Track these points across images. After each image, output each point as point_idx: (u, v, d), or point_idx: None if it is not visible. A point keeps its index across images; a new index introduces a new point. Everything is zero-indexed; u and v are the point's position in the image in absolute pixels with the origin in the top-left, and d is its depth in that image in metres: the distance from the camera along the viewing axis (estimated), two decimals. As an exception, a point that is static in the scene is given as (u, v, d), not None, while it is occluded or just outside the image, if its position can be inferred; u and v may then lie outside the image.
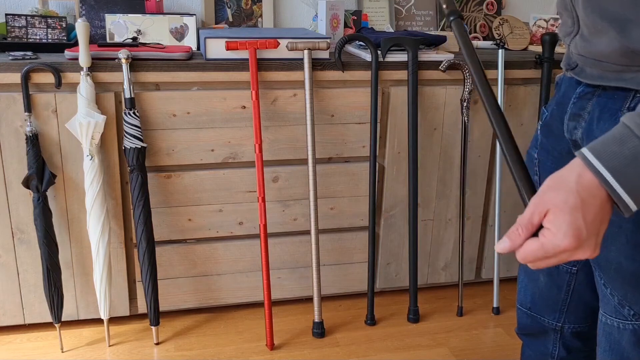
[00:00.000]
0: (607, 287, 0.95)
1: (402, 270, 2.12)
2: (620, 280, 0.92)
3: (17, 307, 1.84)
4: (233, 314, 2.05)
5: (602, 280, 0.95)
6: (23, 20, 1.80)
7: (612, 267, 0.92)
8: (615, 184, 0.67)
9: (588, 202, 0.68)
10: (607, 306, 0.96)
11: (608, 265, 0.92)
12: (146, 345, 1.88)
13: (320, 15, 2.07)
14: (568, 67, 1.00)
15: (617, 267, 0.91)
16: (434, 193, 2.05)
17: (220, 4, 2.20)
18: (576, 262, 1.12)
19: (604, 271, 0.94)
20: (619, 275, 0.91)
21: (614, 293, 0.94)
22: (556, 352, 1.23)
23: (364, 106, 1.89)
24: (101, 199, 1.71)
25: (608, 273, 0.93)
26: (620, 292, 0.92)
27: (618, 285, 0.92)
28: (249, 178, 1.89)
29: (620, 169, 0.66)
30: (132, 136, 1.70)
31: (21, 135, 1.68)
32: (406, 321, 2.06)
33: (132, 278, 1.91)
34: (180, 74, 1.73)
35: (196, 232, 1.90)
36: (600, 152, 0.68)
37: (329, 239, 2.02)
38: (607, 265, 0.93)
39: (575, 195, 0.68)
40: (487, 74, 2.03)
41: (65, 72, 1.66)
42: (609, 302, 0.95)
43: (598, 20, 0.84)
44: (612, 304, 0.95)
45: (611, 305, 0.95)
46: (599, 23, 0.84)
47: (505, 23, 2.27)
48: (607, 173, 0.67)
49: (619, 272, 0.91)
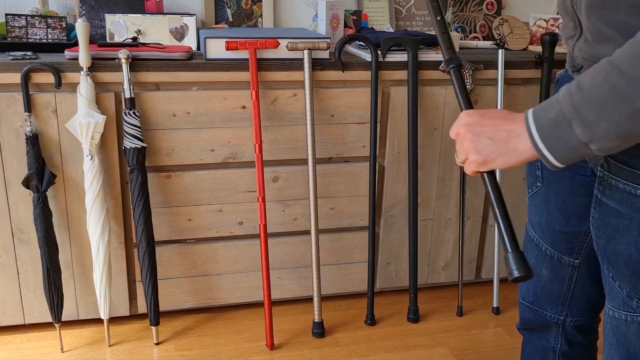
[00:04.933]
0: (615, 280, 0.95)
1: (402, 270, 2.12)
2: (629, 273, 0.92)
3: (17, 307, 1.84)
4: (233, 314, 2.05)
5: (611, 274, 0.96)
6: (23, 20, 1.80)
7: (621, 260, 0.92)
8: (537, 139, 0.80)
9: (510, 142, 0.83)
10: (615, 300, 0.96)
11: (617, 258, 0.93)
12: (146, 345, 1.88)
13: (320, 15, 2.07)
14: (573, 68, 1.00)
15: (626, 260, 0.91)
16: (434, 193, 2.05)
17: (220, 4, 2.20)
18: (578, 255, 1.13)
19: (612, 264, 0.94)
20: (629, 268, 0.92)
21: (622, 286, 0.94)
22: (558, 346, 1.23)
23: (364, 106, 1.90)
24: (101, 199, 1.71)
25: (617, 266, 0.94)
26: (629, 284, 0.93)
27: (627, 278, 0.93)
28: (249, 178, 1.89)
29: (544, 128, 0.79)
30: (132, 136, 1.70)
31: (21, 135, 1.68)
32: (406, 321, 2.06)
33: (132, 278, 1.91)
34: (180, 74, 1.73)
35: (196, 232, 1.90)
36: (536, 112, 0.81)
37: (329, 239, 2.02)
38: (617, 258, 0.93)
39: (503, 132, 0.83)
40: (487, 74, 2.04)
41: (65, 72, 1.66)
42: (617, 295, 0.96)
43: (604, 28, 0.85)
44: (621, 297, 0.95)
45: (619, 299, 0.95)
46: (606, 31, 0.84)
47: (505, 23, 2.27)
48: (534, 129, 0.80)
49: (628, 264, 0.91)
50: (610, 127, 0.74)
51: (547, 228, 1.15)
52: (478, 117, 0.86)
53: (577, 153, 0.78)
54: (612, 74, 0.73)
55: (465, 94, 0.94)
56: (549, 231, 1.15)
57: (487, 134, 0.84)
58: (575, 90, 0.76)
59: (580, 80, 0.77)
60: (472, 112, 0.87)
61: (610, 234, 0.93)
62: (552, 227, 1.14)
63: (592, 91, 0.74)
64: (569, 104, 0.76)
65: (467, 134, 0.85)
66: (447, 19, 2.39)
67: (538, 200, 1.15)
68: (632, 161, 0.86)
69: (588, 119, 0.75)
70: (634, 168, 0.86)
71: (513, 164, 0.84)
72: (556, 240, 1.14)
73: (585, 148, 0.77)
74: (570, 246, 1.13)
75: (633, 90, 0.71)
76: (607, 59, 0.75)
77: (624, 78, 0.72)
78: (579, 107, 0.75)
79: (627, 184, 0.88)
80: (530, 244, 1.20)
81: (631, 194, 0.88)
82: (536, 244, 1.18)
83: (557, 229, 1.13)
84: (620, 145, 0.76)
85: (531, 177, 1.17)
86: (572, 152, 0.78)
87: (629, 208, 0.88)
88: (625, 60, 0.72)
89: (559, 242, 1.14)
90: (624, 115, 0.73)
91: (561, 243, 1.14)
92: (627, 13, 0.79)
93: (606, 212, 0.93)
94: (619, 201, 0.90)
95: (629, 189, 0.88)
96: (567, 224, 1.12)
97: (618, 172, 0.89)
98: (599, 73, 0.75)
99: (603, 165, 0.92)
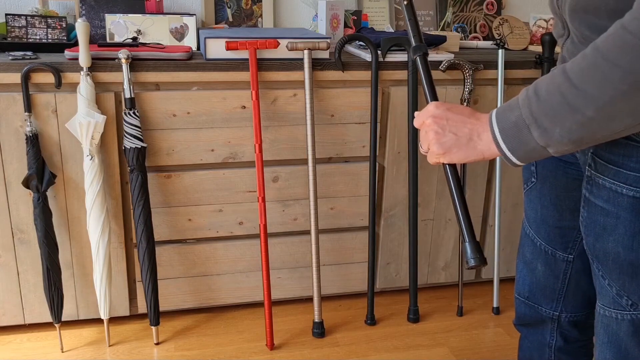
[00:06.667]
0: (605, 278, 0.96)
1: (402, 270, 2.12)
2: (618, 271, 0.93)
3: (17, 307, 1.84)
4: (233, 314, 2.05)
5: (600, 272, 0.97)
6: (23, 20, 1.80)
7: (610, 258, 0.94)
8: (500, 140, 0.83)
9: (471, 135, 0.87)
10: (605, 298, 0.98)
11: (606, 256, 0.94)
12: (146, 345, 1.88)
13: (320, 15, 2.07)
14: None
15: (615, 258, 0.93)
16: (434, 193, 2.05)
17: (220, 4, 2.20)
18: (572, 251, 1.14)
19: (601, 262, 0.96)
20: (617, 266, 0.93)
21: (612, 284, 0.95)
22: (554, 341, 1.24)
23: (364, 106, 1.90)
24: (101, 199, 1.71)
25: (606, 264, 0.95)
26: (618, 282, 0.94)
27: (616, 276, 0.94)
28: (249, 178, 1.89)
29: (505, 131, 0.83)
30: (132, 136, 1.70)
31: (21, 135, 1.68)
32: (406, 321, 2.06)
33: (132, 278, 1.91)
34: (180, 74, 1.73)
35: (196, 232, 1.90)
36: (499, 113, 0.84)
37: (329, 239, 2.02)
38: (605, 257, 0.94)
39: (467, 127, 0.87)
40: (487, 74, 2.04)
41: (65, 72, 1.66)
42: (607, 293, 0.97)
43: (586, 31, 0.87)
44: (610, 295, 0.96)
45: (609, 297, 0.96)
46: (589, 35, 0.86)
47: (505, 23, 2.27)
48: (497, 131, 0.84)
49: (616, 262, 0.93)
50: (564, 134, 0.78)
51: (542, 223, 1.16)
52: (445, 110, 0.89)
53: (536, 154, 0.82)
54: (564, 84, 0.77)
55: (431, 84, 0.99)
56: (543, 226, 1.16)
57: (451, 128, 0.88)
58: (532, 96, 0.80)
59: (538, 86, 0.80)
60: (440, 104, 0.91)
61: (598, 233, 0.94)
62: (546, 222, 1.15)
63: (546, 100, 0.78)
64: (527, 110, 0.80)
65: (433, 125, 0.89)
66: (447, 19, 2.39)
67: (533, 196, 1.16)
68: (619, 160, 0.88)
69: (544, 125, 0.79)
70: (620, 167, 0.88)
71: (470, 160, 0.88)
72: (550, 235, 1.15)
73: (543, 150, 0.81)
74: (564, 241, 1.14)
75: (582, 101, 0.75)
76: (562, 66, 0.79)
77: (575, 90, 0.75)
78: (535, 114, 0.79)
79: (613, 183, 0.90)
80: (526, 239, 1.21)
81: (617, 192, 0.89)
82: (531, 239, 1.19)
83: (552, 223, 1.14)
84: (574, 148, 0.81)
85: (526, 172, 1.18)
86: (530, 153, 0.82)
87: (615, 206, 0.90)
88: (577, 73, 0.76)
89: (554, 237, 1.15)
90: (575, 123, 0.76)
91: (555, 238, 1.15)
92: (608, 18, 0.80)
93: (594, 210, 0.94)
94: (606, 200, 0.91)
95: (615, 188, 0.89)
96: (561, 218, 1.13)
97: (605, 171, 0.91)
98: (554, 82, 0.78)
99: (590, 164, 0.93)
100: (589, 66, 0.74)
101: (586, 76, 0.75)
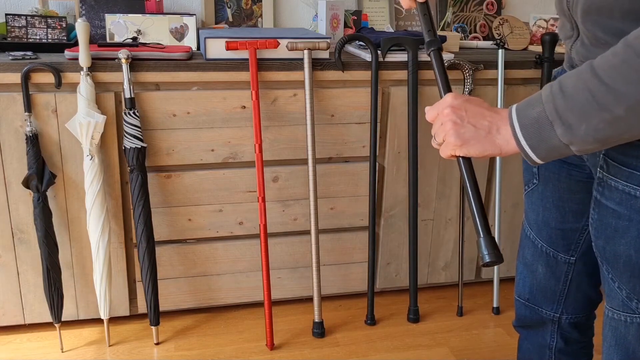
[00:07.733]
0: (614, 281, 0.95)
1: (402, 270, 2.12)
2: (629, 274, 0.92)
3: (17, 307, 1.84)
4: (233, 314, 2.05)
5: (610, 275, 0.96)
6: (23, 20, 1.80)
7: (620, 261, 0.92)
8: (520, 136, 0.81)
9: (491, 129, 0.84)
10: (614, 300, 0.97)
11: (617, 259, 0.93)
12: (146, 345, 1.88)
13: (320, 15, 2.07)
14: (571, 68, 1.00)
15: (626, 261, 0.92)
16: (434, 193, 2.05)
17: (220, 4, 2.20)
18: (574, 253, 1.13)
19: (612, 265, 0.95)
20: (628, 269, 0.92)
21: (622, 287, 0.94)
22: (554, 343, 1.24)
23: (364, 106, 1.90)
24: (101, 198, 1.71)
25: (616, 267, 0.94)
26: (629, 285, 0.93)
27: (626, 279, 0.93)
28: (249, 178, 1.89)
29: (527, 127, 0.80)
30: (132, 136, 1.70)
31: (21, 135, 1.68)
32: (406, 321, 2.06)
33: (132, 278, 1.91)
34: (180, 74, 1.73)
35: (196, 232, 1.90)
36: (519, 109, 0.82)
37: (329, 239, 2.02)
38: (616, 259, 0.93)
39: (486, 121, 0.84)
40: (487, 74, 2.04)
41: (65, 72, 1.66)
42: (616, 296, 0.96)
43: (600, 33, 0.85)
44: (620, 298, 0.95)
45: (619, 300, 0.95)
46: (602, 36, 0.85)
47: (505, 23, 2.27)
48: (518, 127, 0.81)
49: (627, 265, 0.92)
50: (590, 132, 0.76)
51: (544, 225, 1.15)
52: (463, 102, 0.86)
53: (557, 152, 0.80)
54: (592, 82, 0.74)
55: (445, 78, 0.94)
56: (545, 228, 1.15)
57: (470, 119, 0.85)
58: (557, 93, 0.78)
59: (563, 82, 0.78)
60: (458, 95, 0.88)
61: (609, 235, 0.93)
62: (548, 224, 1.14)
63: (573, 96, 0.76)
64: (551, 106, 0.78)
65: (451, 114, 0.86)
66: (447, 19, 2.39)
67: (535, 198, 1.16)
68: (632, 162, 0.87)
69: (569, 122, 0.76)
70: (633, 169, 0.87)
71: (487, 154, 0.85)
72: (552, 237, 1.15)
73: (566, 148, 0.79)
74: (566, 243, 1.14)
75: (612, 99, 0.73)
76: (590, 63, 0.76)
77: (604, 87, 0.73)
78: (560, 111, 0.77)
79: (626, 185, 0.88)
80: (527, 241, 1.20)
81: (630, 195, 0.88)
82: (532, 241, 1.18)
83: (554, 225, 1.14)
84: (599, 147, 0.78)
85: (528, 174, 1.17)
86: (552, 150, 0.80)
87: (628, 209, 0.89)
88: (606, 70, 0.73)
89: (555, 239, 1.15)
90: (603, 121, 0.74)
91: (557, 240, 1.14)
92: (622, 19, 0.79)
93: (605, 213, 0.93)
94: (619, 202, 0.90)
95: (628, 190, 0.88)
96: (563, 220, 1.12)
97: (617, 174, 0.89)
98: (581, 78, 0.76)
99: (602, 166, 0.92)
100: (620, 63, 0.72)
101: (617, 74, 0.72)
